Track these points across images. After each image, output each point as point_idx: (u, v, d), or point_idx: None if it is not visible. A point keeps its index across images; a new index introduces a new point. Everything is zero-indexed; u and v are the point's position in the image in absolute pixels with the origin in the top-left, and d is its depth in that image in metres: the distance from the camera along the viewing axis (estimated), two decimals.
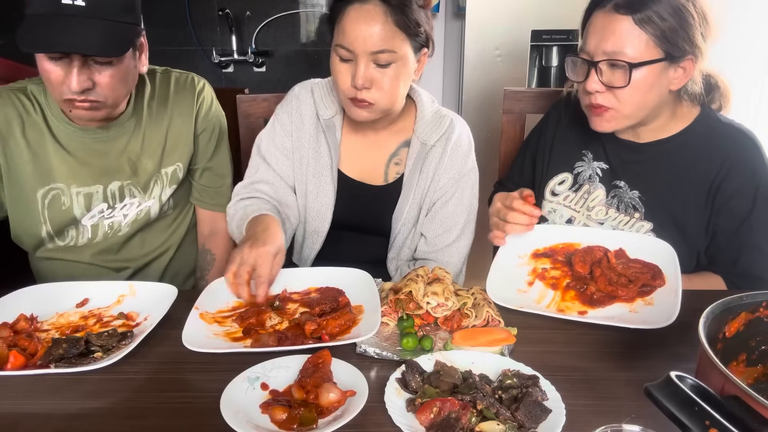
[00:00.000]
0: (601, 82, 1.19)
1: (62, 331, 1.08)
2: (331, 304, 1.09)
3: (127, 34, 1.21)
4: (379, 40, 1.20)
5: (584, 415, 0.82)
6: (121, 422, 0.83)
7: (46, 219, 1.37)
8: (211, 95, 1.51)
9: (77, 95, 1.20)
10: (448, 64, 3.09)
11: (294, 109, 1.42)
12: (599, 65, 1.19)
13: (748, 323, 0.82)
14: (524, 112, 1.68)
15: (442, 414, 0.79)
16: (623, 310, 1.08)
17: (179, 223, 1.53)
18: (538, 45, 2.50)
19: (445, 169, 1.40)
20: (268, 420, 0.81)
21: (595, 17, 1.20)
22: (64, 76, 1.18)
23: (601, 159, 1.37)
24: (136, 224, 1.44)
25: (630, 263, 1.16)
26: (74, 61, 1.16)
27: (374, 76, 1.23)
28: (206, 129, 1.49)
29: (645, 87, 1.18)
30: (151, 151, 1.42)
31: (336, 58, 1.26)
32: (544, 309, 1.11)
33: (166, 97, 1.44)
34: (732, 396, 0.64)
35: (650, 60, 1.16)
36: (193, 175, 1.52)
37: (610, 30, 1.16)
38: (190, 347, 0.96)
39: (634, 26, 1.14)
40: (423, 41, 1.28)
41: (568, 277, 1.18)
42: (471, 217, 1.45)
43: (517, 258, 1.24)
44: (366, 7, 1.20)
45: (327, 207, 1.42)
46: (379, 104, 1.27)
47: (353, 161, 1.44)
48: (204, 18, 2.99)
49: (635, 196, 1.31)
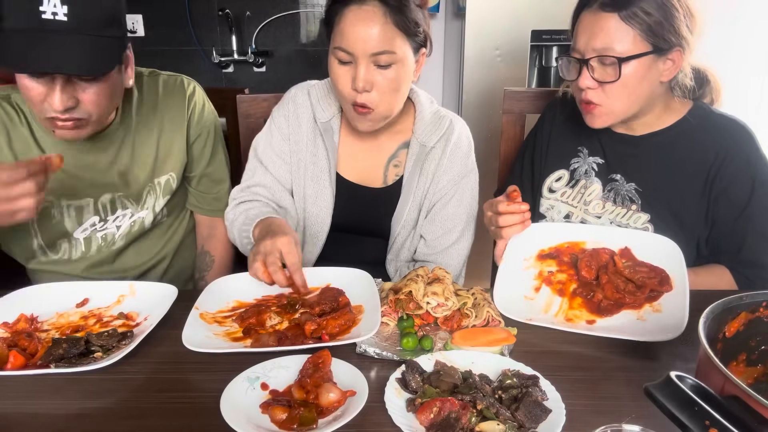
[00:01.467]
0: (592, 78, 1.22)
1: (62, 331, 1.08)
2: (331, 304, 1.09)
3: (112, 50, 1.15)
4: (379, 42, 1.19)
5: (584, 415, 0.82)
6: (121, 422, 0.83)
7: (37, 231, 1.33)
8: (202, 98, 1.46)
9: (60, 113, 1.13)
10: (448, 64, 3.09)
11: (291, 112, 1.40)
12: (590, 62, 1.22)
13: (748, 323, 0.82)
14: (524, 112, 1.68)
15: (442, 414, 0.79)
16: (631, 317, 1.07)
17: (175, 230, 1.50)
18: (538, 45, 2.50)
19: (444, 170, 1.39)
20: (268, 420, 0.81)
21: (583, 17, 1.24)
22: (46, 94, 1.11)
23: (597, 154, 1.38)
24: (130, 236, 1.40)
25: (637, 267, 1.15)
26: (57, 79, 1.10)
27: (375, 79, 1.22)
28: (200, 135, 1.44)
29: (635, 80, 1.21)
30: (143, 162, 1.37)
31: (335, 61, 1.24)
32: (552, 318, 1.10)
33: (155, 103, 1.38)
34: (732, 396, 0.64)
35: (638, 53, 1.18)
36: (190, 183, 1.49)
37: (598, 28, 1.20)
38: (190, 347, 0.96)
39: (620, 22, 1.17)
40: (422, 41, 1.27)
41: (575, 282, 1.17)
42: (471, 219, 1.44)
43: (522, 261, 1.23)
44: (364, 8, 1.19)
45: (326, 211, 1.41)
46: (380, 109, 1.26)
47: (352, 164, 1.42)
48: (204, 18, 2.99)
49: (632, 188, 1.32)
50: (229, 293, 1.16)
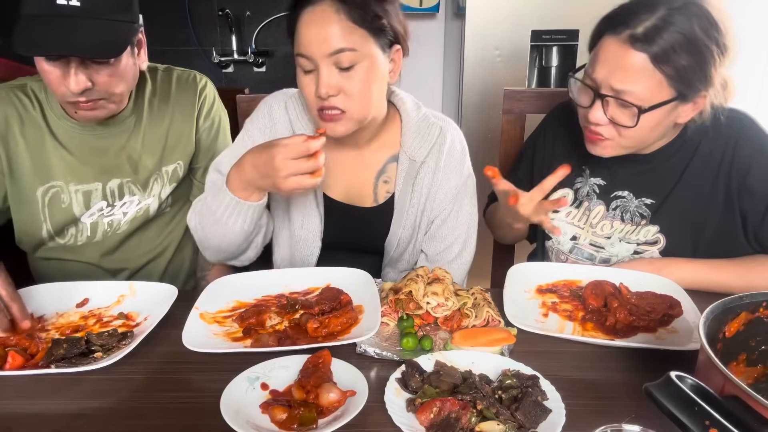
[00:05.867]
0: (605, 116, 1.13)
1: (62, 331, 1.08)
2: (331, 304, 1.09)
3: (124, 33, 1.20)
4: (335, 40, 1.11)
5: (584, 415, 0.82)
6: (121, 422, 0.83)
7: (46, 217, 1.37)
8: (213, 93, 1.50)
9: (78, 97, 1.19)
10: (448, 64, 3.09)
11: (267, 126, 1.31)
12: (606, 99, 1.12)
13: (748, 323, 0.82)
14: (524, 112, 1.68)
15: (442, 414, 0.79)
16: (649, 338, 1.03)
17: (177, 223, 1.52)
18: (538, 45, 2.50)
19: (440, 184, 1.32)
20: (268, 420, 0.81)
21: (606, 43, 1.11)
22: (62, 77, 1.17)
23: (599, 175, 1.33)
24: (135, 222, 1.43)
25: (642, 295, 1.12)
26: (72, 62, 1.15)
27: (339, 82, 1.13)
28: (209, 127, 1.48)
29: (651, 125, 1.13)
30: (152, 149, 1.41)
31: (299, 70, 1.17)
32: (570, 335, 1.05)
33: (167, 95, 1.43)
34: (732, 396, 0.64)
35: (661, 102, 1.09)
36: (195, 174, 1.52)
37: (622, 65, 1.08)
38: (190, 347, 0.96)
39: (648, 64, 1.06)
40: (391, 37, 1.17)
41: (582, 311, 1.12)
42: (472, 229, 1.38)
43: (524, 292, 1.19)
44: (317, 9, 1.12)
45: (315, 234, 1.33)
46: (352, 112, 1.16)
47: (338, 182, 1.33)
48: (204, 18, 2.99)
49: (641, 203, 1.28)
50: (229, 293, 1.16)
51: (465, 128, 1.39)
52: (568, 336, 1.03)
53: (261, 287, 1.19)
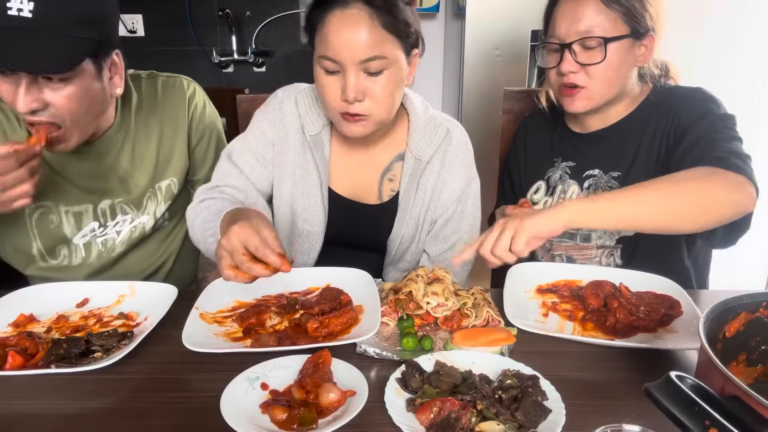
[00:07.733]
0: (575, 62, 1.25)
1: (62, 331, 1.08)
2: (331, 304, 1.09)
3: (82, 49, 1.08)
4: (368, 47, 1.09)
5: (584, 415, 0.82)
6: (121, 422, 0.83)
7: (36, 235, 1.31)
8: (203, 99, 1.42)
9: (31, 117, 1.09)
10: (448, 64, 3.09)
11: (277, 119, 1.31)
12: (573, 46, 1.25)
13: (748, 323, 0.82)
14: (524, 112, 1.68)
15: (442, 414, 0.79)
16: (649, 338, 1.04)
17: (176, 234, 1.47)
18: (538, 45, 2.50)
19: (444, 184, 1.32)
20: (268, 420, 0.81)
21: (561, 4, 1.28)
22: (14, 93, 1.07)
23: (569, 159, 1.40)
24: (131, 242, 1.38)
25: (642, 295, 1.13)
26: (21, 79, 1.05)
27: (366, 87, 1.13)
28: (202, 139, 1.42)
29: (617, 62, 1.25)
30: (143, 166, 1.34)
31: (321, 70, 1.15)
32: (569, 336, 1.05)
33: (154, 106, 1.34)
34: (732, 396, 0.64)
35: (620, 35, 1.23)
36: (194, 186, 1.44)
37: (581, 13, 1.24)
38: (190, 347, 0.96)
39: (601, 6, 1.23)
40: (414, 42, 1.19)
41: (582, 311, 1.13)
42: (475, 231, 1.38)
43: (524, 292, 1.19)
44: (349, 12, 1.09)
45: (318, 228, 1.33)
46: (375, 116, 1.17)
47: (344, 179, 1.34)
48: (204, 18, 2.99)
49: (611, 178, 1.34)
50: (229, 293, 1.16)
51: (465, 128, 1.39)
52: (568, 336, 1.04)
53: (261, 287, 1.18)
